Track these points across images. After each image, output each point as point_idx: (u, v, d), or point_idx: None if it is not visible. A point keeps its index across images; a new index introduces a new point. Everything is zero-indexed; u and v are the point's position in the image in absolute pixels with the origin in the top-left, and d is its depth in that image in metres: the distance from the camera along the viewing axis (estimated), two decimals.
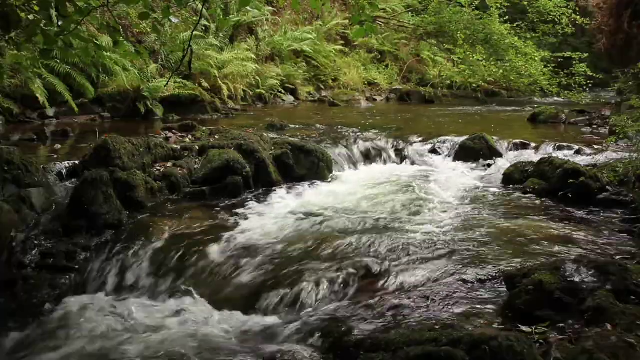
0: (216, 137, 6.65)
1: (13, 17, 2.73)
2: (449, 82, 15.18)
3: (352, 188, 5.87)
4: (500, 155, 7.24)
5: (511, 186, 5.91)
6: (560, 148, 7.31)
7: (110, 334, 3.13)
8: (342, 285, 3.48)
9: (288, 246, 4.09)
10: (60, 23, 2.95)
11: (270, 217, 4.74)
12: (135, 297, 3.64)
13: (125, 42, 3.38)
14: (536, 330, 2.70)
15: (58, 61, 7.41)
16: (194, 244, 4.09)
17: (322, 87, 14.13)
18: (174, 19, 5.71)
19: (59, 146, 6.16)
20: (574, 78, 10.69)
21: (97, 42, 3.13)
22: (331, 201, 5.30)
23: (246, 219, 4.68)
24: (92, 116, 8.40)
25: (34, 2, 2.90)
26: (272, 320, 3.25)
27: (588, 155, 6.92)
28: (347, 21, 14.70)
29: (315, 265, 3.73)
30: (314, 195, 5.51)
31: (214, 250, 4.01)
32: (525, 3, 11.54)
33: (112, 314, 3.35)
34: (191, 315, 3.32)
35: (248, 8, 10.36)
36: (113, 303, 3.52)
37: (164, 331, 3.14)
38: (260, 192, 5.51)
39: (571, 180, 5.26)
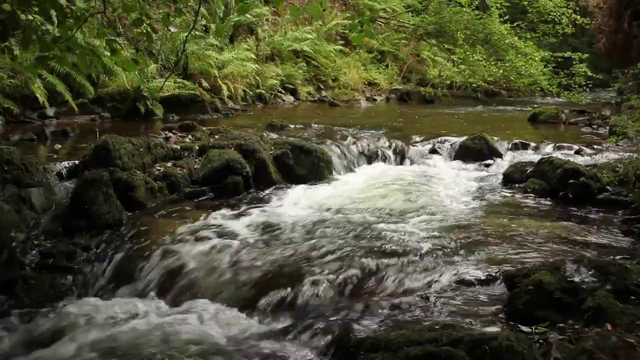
0: (216, 137, 6.64)
1: (10, 23, 2.71)
2: (449, 82, 15.16)
3: (352, 188, 5.87)
4: (500, 155, 7.24)
5: (511, 186, 5.91)
6: (560, 148, 7.32)
7: (110, 334, 3.13)
8: (341, 286, 3.48)
9: (288, 246, 4.09)
10: (57, 30, 2.95)
11: (270, 217, 4.73)
12: (135, 297, 3.63)
13: (122, 49, 3.36)
14: (536, 330, 2.70)
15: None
16: (194, 244, 4.08)
17: (322, 87, 14.12)
18: (173, 29, 5.69)
19: (59, 146, 6.16)
20: (574, 78, 10.69)
21: (94, 49, 3.13)
22: (331, 201, 5.30)
23: (246, 219, 4.67)
24: (92, 116, 8.40)
25: (35, 7, 2.88)
26: (272, 320, 3.25)
27: (588, 155, 6.93)
28: (347, 21, 14.69)
29: (315, 265, 3.73)
30: (314, 195, 5.50)
31: (214, 251, 4.01)
32: (525, 3, 11.53)
33: (112, 314, 3.35)
34: (191, 314, 3.32)
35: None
36: (113, 303, 3.51)
37: (164, 331, 3.14)
38: (261, 192, 5.51)
39: (571, 180, 5.26)
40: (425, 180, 6.22)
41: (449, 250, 3.93)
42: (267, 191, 5.56)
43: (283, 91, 12.71)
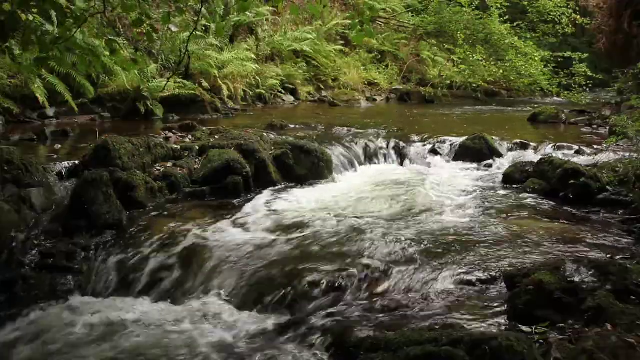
0: (216, 137, 6.65)
1: (10, 23, 2.70)
2: (449, 82, 15.16)
3: (352, 188, 5.87)
4: (500, 155, 7.24)
5: (511, 186, 5.91)
6: (560, 148, 7.31)
7: (109, 334, 3.13)
8: (342, 286, 3.48)
9: (288, 246, 4.09)
10: (56, 31, 2.94)
11: (270, 217, 4.73)
12: (135, 297, 3.64)
13: (122, 49, 3.37)
14: (536, 330, 2.70)
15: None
16: (194, 244, 4.09)
17: (322, 87, 14.11)
18: (173, 27, 5.70)
19: (59, 146, 6.16)
20: (574, 78, 10.70)
21: (94, 50, 3.14)
22: (331, 201, 5.30)
23: (246, 219, 4.67)
24: (92, 116, 8.40)
25: (34, 8, 2.88)
26: (272, 319, 3.25)
27: (588, 155, 6.93)
28: (347, 21, 14.69)
29: (315, 265, 3.73)
30: (314, 196, 5.50)
31: (214, 251, 4.01)
32: (525, 3, 11.54)
33: (112, 314, 3.35)
34: (190, 315, 3.32)
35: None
36: (113, 303, 3.52)
37: (163, 331, 3.14)
38: (261, 192, 5.51)
39: (571, 181, 5.26)
40: (425, 180, 6.22)
41: (448, 250, 3.94)
42: (267, 191, 5.55)
43: (283, 91, 12.71)
